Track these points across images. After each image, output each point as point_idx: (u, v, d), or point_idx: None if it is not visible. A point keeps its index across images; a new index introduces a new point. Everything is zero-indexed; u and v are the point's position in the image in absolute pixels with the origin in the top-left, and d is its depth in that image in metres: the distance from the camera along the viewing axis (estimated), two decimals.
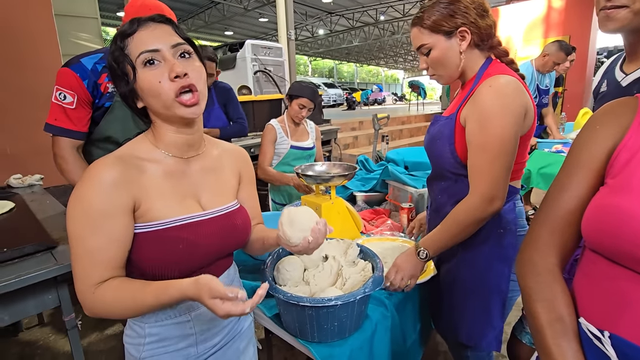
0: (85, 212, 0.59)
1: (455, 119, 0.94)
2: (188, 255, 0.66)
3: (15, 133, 2.41)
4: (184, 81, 0.62)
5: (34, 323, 2.11)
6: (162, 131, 0.68)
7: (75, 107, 1.25)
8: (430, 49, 0.93)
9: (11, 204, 1.47)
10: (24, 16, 2.41)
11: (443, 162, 0.99)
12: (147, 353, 0.70)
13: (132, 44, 0.62)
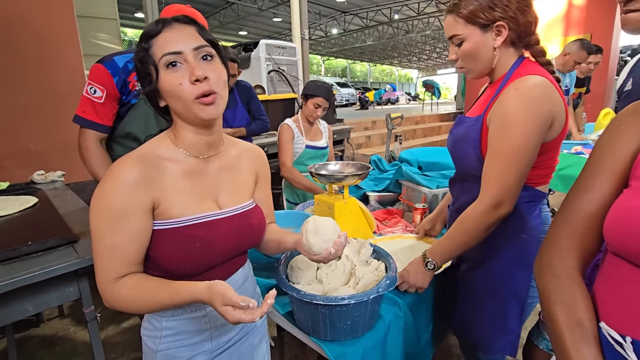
0: (107, 211, 0.61)
1: (482, 121, 0.90)
2: (204, 253, 0.68)
3: (39, 131, 2.49)
4: (204, 86, 0.63)
5: (54, 315, 2.18)
6: (182, 131, 0.69)
7: (103, 102, 1.30)
8: (463, 40, 0.89)
9: (35, 199, 1.52)
10: (47, 17, 2.49)
11: (468, 165, 0.96)
12: (163, 346, 0.72)
13: (156, 44, 0.63)
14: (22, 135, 2.43)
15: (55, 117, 2.55)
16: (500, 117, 0.84)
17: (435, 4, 14.55)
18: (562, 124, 0.86)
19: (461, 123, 1.00)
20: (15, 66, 2.36)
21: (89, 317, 1.10)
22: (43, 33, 2.48)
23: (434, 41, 24.16)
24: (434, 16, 16.93)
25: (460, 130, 0.97)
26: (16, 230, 1.21)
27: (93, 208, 0.62)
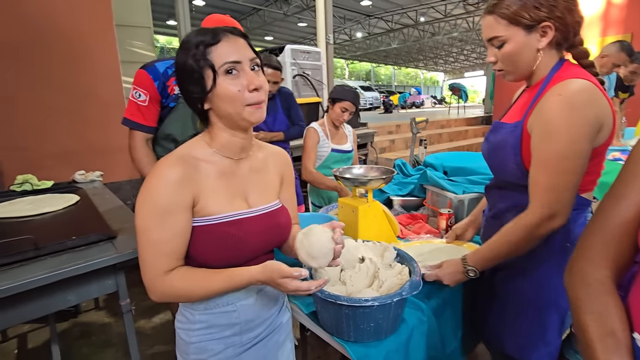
0: (154, 207, 0.66)
1: (522, 128, 0.87)
2: (237, 250, 0.72)
3: (80, 133, 2.66)
4: (261, 94, 0.70)
5: (90, 307, 2.31)
6: (220, 133, 0.74)
7: (147, 105, 1.41)
8: (505, 42, 0.85)
9: (77, 197, 1.63)
10: (90, 28, 2.67)
11: (506, 172, 0.93)
12: (196, 338, 0.76)
13: (214, 52, 0.67)
14: (65, 137, 2.61)
15: (95, 120, 2.72)
16: (544, 124, 0.81)
17: (463, 5, 14.24)
18: (610, 129, 0.82)
19: (498, 129, 0.96)
20: (62, 73, 2.53)
21: (125, 309, 1.17)
22: (87, 42, 2.65)
23: (461, 43, 23.62)
24: (461, 18, 16.56)
25: (498, 137, 0.94)
26: (61, 225, 1.31)
27: (140, 205, 0.67)
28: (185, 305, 0.78)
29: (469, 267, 0.95)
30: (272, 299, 0.85)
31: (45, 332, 2.05)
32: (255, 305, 0.80)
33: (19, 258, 1.00)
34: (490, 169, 1.02)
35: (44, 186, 1.89)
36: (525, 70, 0.89)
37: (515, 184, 0.91)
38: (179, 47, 0.72)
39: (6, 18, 2.30)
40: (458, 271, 0.97)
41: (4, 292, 0.89)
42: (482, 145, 1.05)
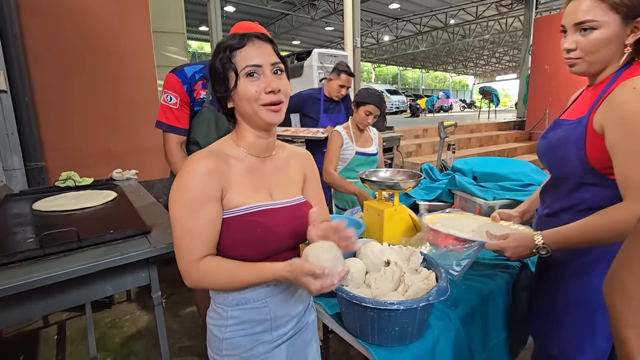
0: (186, 199, 0.71)
1: (587, 123, 0.86)
2: (264, 239, 0.75)
3: (117, 134, 2.81)
4: (277, 97, 0.74)
5: (123, 299, 2.43)
6: (245, 133, 0.80)
7: (178, 107, 1.46)
8: (596, 28, 0.82)
9: (114, 194, 1.72)
10: (128, 35, 2.82)
11: (567, 169, 0.91)
12: (229, 334, 0.78)
13: (239, 56, 0.74)
14: (104, 138, 2.77)
15: (130, 122, 2.86)
16: (621, 117, 0.79)
17: (496, 7, 13.81)
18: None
19: (558, 126, 0.96)
20: (100, 77, 2.69)
21: (156, 302, 1.22)
22: (127, 49, 2.81)
23: (492, 45, 22.88)
24: (493, 19, 16.07)
25: (558, 134, 0.93)
26: (100, 220, 1.39)
27: (173, 198, 0.72)
28: (217, 302, 0.80)
29: (542, 245, 0.90)
30: (300, 297, 0.86)
31: (81, 321, 2.17)
32: (284, 301, 0.82)
33: (64, 248, 1.07)
34: (548, 167, 1.00)
35: (85, 183, 2.01)
36: (602, 63, 0.86)
37: (576, 182, 0.90)
38: (214, 51, 0.78)
39: (60, 29, 2.48)
40: (527, 246, 0.92)
41: (52, 279, 0.95)
42: (539, 143, 1.04)
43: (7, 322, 0.99)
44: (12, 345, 1.98)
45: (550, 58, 7.41)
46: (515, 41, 20.06)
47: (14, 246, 1.10)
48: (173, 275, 2.87)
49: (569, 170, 0.91)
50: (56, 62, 2.50)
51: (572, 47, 0.87)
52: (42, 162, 2.47)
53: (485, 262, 1.30)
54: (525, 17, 9.80)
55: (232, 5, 12.39)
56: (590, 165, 0.85)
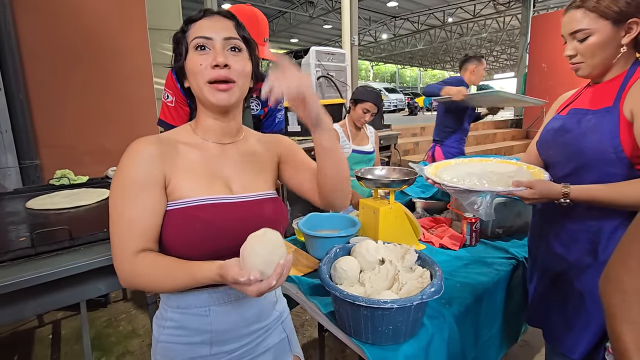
0: (124, 184, 0.64)
1: (619, 111, 0.88)
2: (204, 236, 0.66)
3: (112, 131, 2.79)
4: (223, 72, 0.67)
5: (119, 298, 2.42)
6: (202, 116, 0.74)
7: (174, 106, 1.43)
8: (589, 35, 0.89)
9: (109, 192, 1.71)
10: (124, 32, 2.80)
11: (596, 157, 0.91)
12: (165, 337, 0.70)
13: (193, 28, 0.70)
14: (99, 135, 2.75)
15: (126, 119, 2.84)
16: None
17: (494, 5, 13.81)
18: None
19: (583, 115, 0.96)
20: (95, 74, 2.67)
21: (150, 301, 1.21)
22: (121, 45, 2.79)
23: (490, 44, 22.91)
24: (491, 18, 16.07)
25: (584, 123, 0.94)
26: (94, 218, 1.38)
27: (113, 183, 0.66)
28: (162, 300, 0.72)
29: (567, 197, 0.91)
30: (254, 315, 0.74)
31: (76, 320, 2.16)
32: (232, 315, 0.71)
33: (56, 247, 1.06)
34: (568, 158, 0.98)
35: (80, 181, 2.00)
36: (603, 65, 0.92)
37: (604, 172, 0.90)
38: None
39: (54, 26, 2.45)
40: (552, 196, 0.93)
41: (44, 277, 0.95)
42: (550, 137, 1.04)
43: None
44: (6, 346, 1.97)
45: (548, 56, 7.41)
46: (513, 40, 20.09)
47: (5, 245, 1.09)
48: None
49: (598, 158, 0.90)
50: (51, 59, 2.48)
51: (573, 53, 0.94)
52: (37, 160, 2.45)
53: (480, 261, 1.30)
54: (523, 16, 9.80)
55: (229, 3, 12.34)
56: (624, 153, 0.86)
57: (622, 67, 0.92)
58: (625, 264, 0.53)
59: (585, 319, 0.96)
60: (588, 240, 0.96)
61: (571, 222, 0.99)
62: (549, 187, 0.93)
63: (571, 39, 0.93)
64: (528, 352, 1.79)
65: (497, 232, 1.50)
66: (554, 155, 1.03)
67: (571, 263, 1.00)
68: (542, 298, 1.11)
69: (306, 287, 1.11)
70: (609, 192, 0.86)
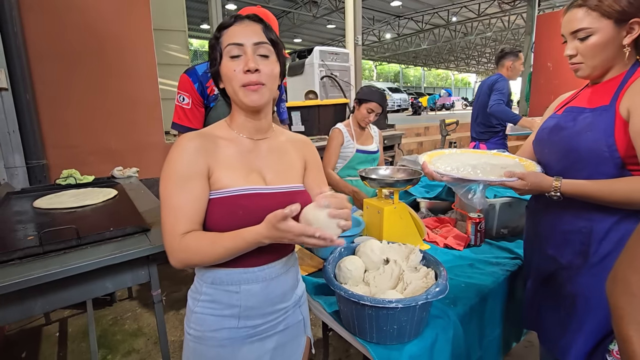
0: (173, 175, 0.72)
1: (615, 110, 0.86)
2: (245, 221, 0.71)
3: (118, 132, 2.81)
4: (254, 76, 0.73)
5: (124, 296, 2.44)
6: (236, 114, 0.81)
7: (190, 108, 1.45)
8: (591, 34, 0.87)
9: (115, 192, 1.72)
10: (130, 32, 2.82)
11: (589, 158, 0.90)
12: (199, 309, 0.78)
13: (225, 35, 0.75)
14: (105, 136, 2.77)
15: (132, 120, 2.86)
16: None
17: (498, 4, 13.72)
18: None
19: (578, 113, 0.95)
20: (101, 75, 2.70)
21: (156, 299, 1.22)
22: (128, 47, 2.81)
23: (495, 43, 22.77)
24: (496, 17, 15.98)
25: (579, 121, 0.93)
26: (100, 217, 1.39)
27: (162, 174, 0.73)
28: (197, 276, 0.80)
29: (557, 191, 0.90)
30: (278, 296, 0.82)
31: (82, 318, 2.18)
32: (259, 295, 0.78)
33: (64, 246, 1.08)
34: (561, 156, 0.97)
35: (86, 180, 2.02)
36: (603, 66, 0.90)
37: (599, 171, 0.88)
38: None
39: (61, 27, 2.48)
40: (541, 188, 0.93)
41: (52, 276, 0.96)
42: (546, 135, 1.02)
43: (7, 319, 1.00)
44: (14, 343, 1.99)
45: (553, 55, 7.34)
46: (518, 39, 19.95)
47: (14, 243, 1.11)
48: (174, 274, 2.87)
49: (593, 156, 0.89)
50: (57, 60, 2.50)
51: (573, 53, 0.92)
52: (44, 160, 2.48)
53: (485, 260, 1.29)
54: (528, 15, 9.72)
55: (233, 3, 12.37)
56: (618, 152, 0.85)
57: (621, 68, 0.90)
58: (632, 265, 0.53)
59: (577, 322, 0.95)
60: (579, 241, 0.95)
61: (562, 224, 0.98)
62: (540, 179, 0.93)
63: (572, 39, 0.91)
64: (533, 352, 1.78)
65: (502, 233, 1.49)
66: (548, 154, 1.02)
67: (562, 265, 0.99)
68: (535, 300, 1.10)
69: (310, 287, 1.11)
70: (599, 188, 0.86)
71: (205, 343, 0.78)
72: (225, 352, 0.78)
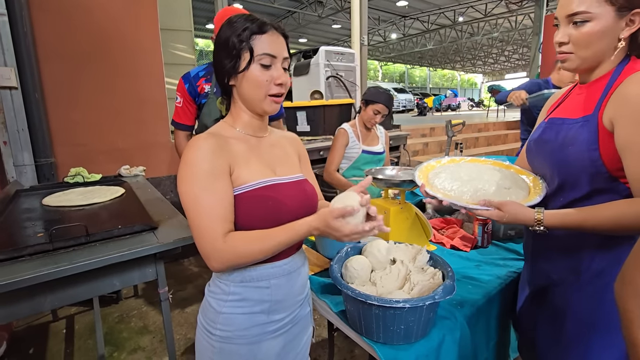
0: (196, 175, 0.71)
1: (598, 121, 0.79)
2: (277, 212, 0.76)
3: (125, 131, 2.83)
4: (282, 89, 0.79)
5: (130, 294, 2.45)
6: (241, 113, 0.82)
7: (182, 106, 1.69)
8: (589, 20, 0.77)
9: (122, 190, 1.74)
10: (137, 32, 2.84)
11: (575, 171, 0.83)
12: (227, 309, 0.78)
13: (258, 40, 0.75)
14: (112, 134, 2.79)
15: (138, 119, 2.88)
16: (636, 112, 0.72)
17: (506, 4, 13.62)
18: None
19: (560, 125, 0.88)
20: (108, 74, 2.71)
21: (163, 297, 1.23)
22: (133, 45, 2.83)
23: (502, 44, 22.60)
24: (503, 17, 15.86)
25: (562, 134, 0.86)
26: (108, 215, 1.40)
27: (183, 177, 0.72)
28: (221, 278, 0.79)
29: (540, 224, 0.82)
30: (299, 287, 0.86)
31: (89, 315, 2.20)
32: (286, 286, 0.82)
33: (73, 243, 1.09)
34: (552, 172, 0.90)
35: (93, 179, 2.04)
36: (596, 58, 0.81)
37: (587, 186, 0.82)
38: (225, 23, 0.78)
39: (69, 27, 2.50)
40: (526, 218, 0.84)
41: (61, 272, 0.97)
42: (533, 146, 0.97)
43: (18, 314, 1.01)
44: (22, 339, 2.02)
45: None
46: (525, 39, 19.78)
47: (24, 240, 1.12)
48: (180, 272, 2.89)
49: (577, 171, 0.82)
50: (65, 59, 2.53)
51: (565, 40, 0.82)
52: (52, 158, 2.50)
53: (492, 262, 1.28)
54: (536, 15, 9.65)
55: (239, 3, 12.41)
56: (605, 167, 0.78)
57: (611, 65, 0.82)
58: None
59: (566, 338, 0.90)
60: (571, 257, 0.89)
61: (552, 239, 0.91)
62: (520, 212, 0.83)
63: (566, 23, 0.81)
64: None
65: (509, 234, 1.48)
66: (540, 168, 0.96)
67: (554, 280, 0.93)
68: (529, 313, 1.04)
69: (317, 286, 1.11)
70: (584, 217, 0.78)
71: (235, 342, 0.78)
72: (255, 348, 0.79)
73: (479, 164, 1.08)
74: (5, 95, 2.21)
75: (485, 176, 1.00)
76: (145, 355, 1.87)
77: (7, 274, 0.92)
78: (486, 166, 1.06)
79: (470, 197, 0.93)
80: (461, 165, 1.08)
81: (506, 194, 0.92)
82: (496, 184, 0.96)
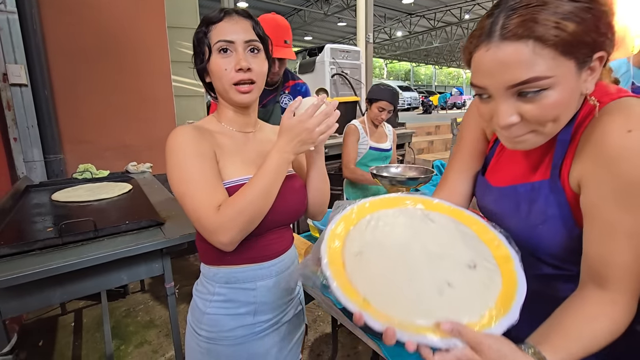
0: (187, 152, 0.69)
1: (564, 188, 0.58)
2: None
3: (132, 127, 2.86)
4: (245, 74, 0.73)
5: (137, 289, 2.49)
6: (225, 109, 0.81)
7: None
8: (548, 87, 0.50)
9: (129, 186, 1.76)
10: (144, 30, 2.86)
11: (551, 249, 0.63)
12: (212, 310, 0.77)
13: (214, 30, 0.73)
14: (120, 131, 2.82)
15: (146, 116, 2.91)
16: (616, 179, 0.51)
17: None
18: None
19: (513, 196, 0.65)
20: (116, 72, 2.74)
21: (169, 292, 1.24)
22: (140, 43, 2.85)
23: None
24: None
25: (522, 207, 0.64)
26: (116, 211, 1.43)
27: (172, 158, 0.69)
28: (207, 277, 0.79)
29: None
30: (287, 288, 0.84)
31: (97, 309, 2.23)
32: (273, 288, 0.80)
33: (82, 238, 1.10)
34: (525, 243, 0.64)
35: (101, 175, 2.06)
36: (560, 127, 0.56)
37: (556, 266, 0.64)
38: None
39: (78, 24, 2.53)
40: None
41: (70, 267, 0.99)
42: (487, 215, 0.73)
43: (28, 307, 1.03)
44: (31, 331, 2.06)
45: None
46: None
47: (34, 235, 1.14)
48: (186, 267, 2.92)
49: (554, 249, 0.62)
50: (74, 57, 2.55)
51: (514, 120, 0.53)
52: (61, 155, 2.54)
53: None
54: None
55: (245, 1, 12.42)
56: (577, 229, 0.59)
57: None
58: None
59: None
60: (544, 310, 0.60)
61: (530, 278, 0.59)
62: (505, 352, 0.47)
63: (508, 96, 0.52)
64: None
65: None
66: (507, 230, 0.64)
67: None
68: None
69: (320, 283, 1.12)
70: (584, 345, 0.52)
71: (220, 343, 0.77)
72: (241, 349, 0.78)
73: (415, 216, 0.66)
74: (15, 92, 2.25)
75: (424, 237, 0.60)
76: (152, 349, 1.90)
77: (17, 268, 0.94)
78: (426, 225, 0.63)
79: (424, 313, 0.48)
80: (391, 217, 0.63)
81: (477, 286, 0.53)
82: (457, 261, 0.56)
